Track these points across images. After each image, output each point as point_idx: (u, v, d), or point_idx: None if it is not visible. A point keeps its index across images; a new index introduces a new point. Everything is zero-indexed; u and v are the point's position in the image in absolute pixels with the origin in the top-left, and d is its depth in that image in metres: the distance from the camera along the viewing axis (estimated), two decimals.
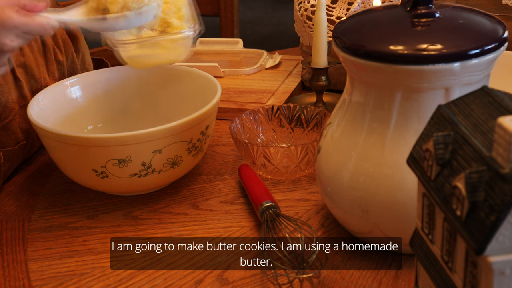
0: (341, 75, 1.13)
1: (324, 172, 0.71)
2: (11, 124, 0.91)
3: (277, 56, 1.25)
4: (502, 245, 0.41)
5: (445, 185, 0.45)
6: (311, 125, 0.94)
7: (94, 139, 0.77)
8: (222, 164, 0.93)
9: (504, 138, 0.40)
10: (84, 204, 0.85)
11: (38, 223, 0.82)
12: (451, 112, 0.49)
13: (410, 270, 0.69)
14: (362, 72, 0.65)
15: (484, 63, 0.61)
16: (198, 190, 0.87)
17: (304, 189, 0.86)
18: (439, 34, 0.63)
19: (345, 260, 0.71)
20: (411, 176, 0.61)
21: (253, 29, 3.89)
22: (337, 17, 1.10)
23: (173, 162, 0.81)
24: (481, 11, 0.68)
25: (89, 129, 0.96)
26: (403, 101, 0.64)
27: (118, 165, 0.78)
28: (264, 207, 0.76)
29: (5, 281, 0.71)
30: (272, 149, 0.84)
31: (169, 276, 0.70)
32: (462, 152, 0.45)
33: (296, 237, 0.73)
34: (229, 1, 1.63)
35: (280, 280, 0.68)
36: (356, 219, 0.69)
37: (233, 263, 0.72)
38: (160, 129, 0.77)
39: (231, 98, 1.10)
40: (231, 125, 0.90)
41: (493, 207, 0.40)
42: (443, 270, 0.48)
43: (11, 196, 0.88)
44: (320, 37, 1.01)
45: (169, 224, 0.80)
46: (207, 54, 1.31)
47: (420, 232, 0.53)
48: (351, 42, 0.65)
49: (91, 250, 0.76)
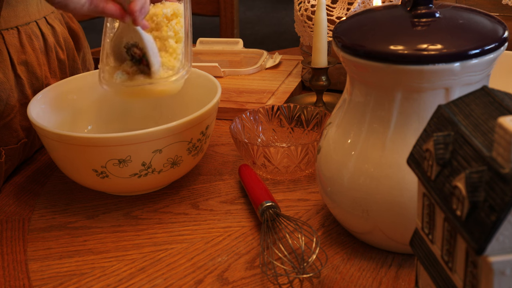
0: (341, 75, 1.13)
1: (324, 172, 0.71)
2: (12, 122, 0.91)
3: (277, 56, 1.25)
4: (502, 245, 0.41)
5: (445, 185, 0.45)
6: (311, 125, 0.94)
7: (94, 139, 0.77)
8: (222, 164, 0.93)
9: (504, 138, 0.40)
10: (84, 204, 0.85)
11: (38, 223, 0.82)
12: (451, 112, 0.49)
13: (410, 270, 0.69)
14: (362, 72, 0.65)
15: (484, 63, 0.61)
16: (198, 190, 0.87)
17: (304, 189, 0.86)
18: (439, 34, 0.63)
19: (345, 260, 0.71)
20: (411, 176, 0.61)
21: (253, 29, 3.89)
22: (337, 17, 1.10)
23: (173, 162, 0.81)
24: (481, 11, 0.68)
25: (89, 129, 0.96)
26: (403, 101, 0.64)
27: (118, 165, 0.78)
28: (264, 207, 0.76)
29: (5, 281, 0.71)
30: (272, 149, 0.84)
31: (169, 276, 0.71)
32: (462, 152, 0.45)
33: (296, 237, 0.73)
34: (229, 1, 1.63)
35: (280, 280, 0.68)
36: (356, 219, 0.69)
37: (233, 263, 0.72)
38: (160, 129, 0.77)
39: (231, 98, 1.10)
40: (231, 125, 0.90)
41: (493, 207, 0.40)
42: (443, 270, 0.48)
43: (11, 196, 0.88)
44: (320, 37, 1.01)
45: (169, 224, 0.80)
46: (207, 54, 1.31)
47: (420, 232, 0.53)
48: (351, 42, 0.65)
49: (91, 250, 0.76)
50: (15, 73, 0.91)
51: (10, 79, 0.90)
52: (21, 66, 0.92)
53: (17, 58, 0.91)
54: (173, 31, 0.82)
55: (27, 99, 0.92)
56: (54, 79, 0.98)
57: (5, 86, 0.89)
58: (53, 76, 0.98)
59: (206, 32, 1.72)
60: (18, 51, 0.91)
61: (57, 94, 0.92)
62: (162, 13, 0.82)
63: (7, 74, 0.90)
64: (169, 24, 0.82)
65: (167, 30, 0.82)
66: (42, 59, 0.95)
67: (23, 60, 0.92)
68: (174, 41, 0.82)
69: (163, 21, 0.82)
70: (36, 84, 0.94)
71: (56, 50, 0.98)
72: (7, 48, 0.90)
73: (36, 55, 0.94)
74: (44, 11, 0.97)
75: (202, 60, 1.27)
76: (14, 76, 0.91)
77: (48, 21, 0.98)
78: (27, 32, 0.93)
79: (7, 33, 0.90)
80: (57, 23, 1.00)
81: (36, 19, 0.95)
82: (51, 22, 0.98)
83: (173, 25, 0.82)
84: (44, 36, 0.96)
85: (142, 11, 0.76)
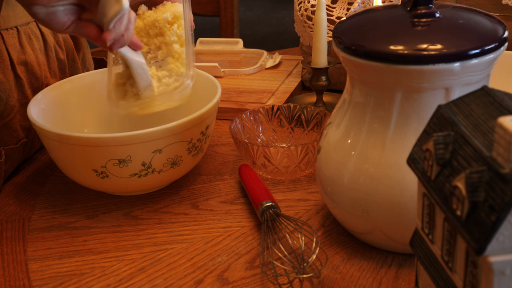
0: (341, 75, 1.13)
1: (324, 172, 0.71)
2: (12, 122, 0.91)
3: (277, 56, 1.25)
4: (502, 245, 0.41)
5: (445, 185, 0.45)
6: (311, 125, 0.94)
7: (94, 139, 0.77)
8: (222, 164, 0.93)
9: (504, 138, 0.40)
10: (84, 204, 0.85)
11: (38, 223, 0.82)
12: (451, 112, 0.49)
13: (410, 270, 0.69)
14: (362, 72, 0.65)
15: (484, 63, 0.61)
16: (198, 190, 0.87)
17: (304, 189, 0.86)
18: (439, 34, 0.63)
19: (345, 260, 0.71)
20: (411, 176, 0.61)
21: (253, 29, 3.89)
22: (337, 17, 1.10)
23: (173, 162, 0.81)
24: (481, 11, 0.68)
25: (89, 129, 0.96)
26: (403, 101, 0.64)
27: (118, 165, 0.78)
28: (264, 207, 0.76)
29: (5, 281, 0.71)
30: (272, 149, 0.84)
31: (169, 276, 0.70)
32: (462, 152, 0.45)
33: (296, 237, 0.73)
34: (229, 1, 1.63)
35: (280, 280, 0.68)
36: (356, 219, 0.69)
37: (233, 263, 0.72)
38: (160, 129, 0.77)
39: (231, 98, 1.10)
40: (231, 125, 0.90)
41: (493, 207, 0.40)
42: (443, 270, 0.48)
43: (11, 196, 0.88)
44: (320, 37, 1.01)
45: (169, 224, 0.80)
46: (207, 54, 1.31)
47: (420, 232, 0.53)
48: (351, 42, 0.65)
49: (91, 250, 0.76)
50: (15, 73, 0.91)
51: (9, 79, 0.90)
52: (20, 66, 0.92)
53: (17, 58, 0.91)
54: (176, 35, 0.81)
55: (27, 99, 0.92)
56: (54, 79, 0.98)
57: (5, 86, 0.89)
58: (52, 76, 0.98)
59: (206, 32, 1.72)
60: (18, 51, 0.91)
61: (57, 94, 0.92)
62: (162, 19, 0.81)
63: (7, 74, 0.90)
64: (171, 29, 0.81)
65: (170, 35, 0.81)
66: (41, 59, 0.95)
67: (23, 60, 0.92)
68: (179, 45, 0.81)
69: (165, 26, 0.81)
70: (36, 84, 0.94)
71: (55, 50, 0.98)
72: (6, 48, 0.90)
73: (35, 55, 0.94)
74: None
75: (202, 60, 1.27)
76: (14, 76, 0.91)
77: None
78: (26, 32, 0.93)
79: (7, 33, 0.90)
80: None
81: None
82: None
83: (175, 29, 0.81)
84: (43, 36, 0.96)
85: (120, 40, 0.74)
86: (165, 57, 0.81)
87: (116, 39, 0.73)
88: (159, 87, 0.81)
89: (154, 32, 0.82)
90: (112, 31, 0.72)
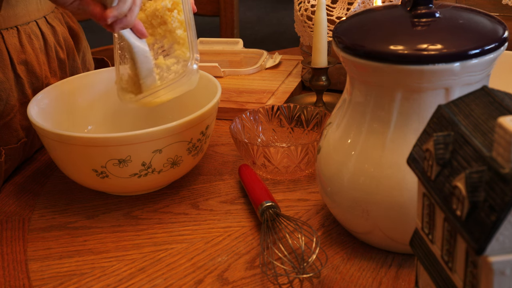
0: (341, 75, 1.13)
1: (324, 172, 0.71)
2: (12, 122, 0.91)
3: (277, 56, 1.25)
4: (502, 245, 0.41)
5: (445, 185, 0.45)
6: (311, 125, 0.94)
7: (94, 139, 0.77)
8: (222, 164, 0.93)
9: (504, 138, 0.40)
10: (84, 204, 0.85)
11: (38, 223, 0.82)
12: (451, 112, 0.49)
13: (410, 270, 0.69)
14: (362, 72, 0.65)
15: (484, 63, 0.61)
16: (198, 190, 0.87)
17: (304, 189, 0.86)
18: (439, 34, 0.63)
19: (345, 260, 0.71)
20: (411, 176, 0.61)
21: (253, 29, 3.89)
22: (337, 17, 1.10)
23: (173, 162, 0.81)
24: (481, 11, 0.68)
25: (89, 129, 0.96)
26: (403, 101, 0.64)
27: (118, 165, 0.78)
28: (264, 207, 0.76)
29: (5, 281, 0.71)
30: (272, 149, 0.84)
31: (169, 276, 0.70)
32: (462, 152, 0.45)
33: (296, 237, 0.73)
34: (229, 1, 1.63)
35: (280, 280, 0.68)
36: (356, 219, 0.69)
37: (233, 263, 0.72)
38: (160, 129, 0.77)
39: (231, 98, 1.10)
40: (231, 125, 0.90)
41: (493, 207, 0.40)
42: (443, 270, 0.48)
43: (11, 196, 0.88)
44: (320, 37, 1.01)
45: (169, 224, 0.80)
46: (207, 54, 1.31)
47: (420, 232, 0.53)
48: (351, 42, 0.65)
49: (91, 250, 0.76)
50: (15, 73, 0.91)
51: (10, 79, 0.90)
52: (21, 65, 0.92)
53: (17, 57, 0.91)
54: (178, 21, 0.82)
55: (27, 98, 0.92)
56: (54, 78, 0.98)
57: (5, 85, 0.89)
58: (53, 75, 0.98)
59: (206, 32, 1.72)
60: (18, 50, 0.91)
61: (57, 94, 0.92)
62: (162, 7, 0.82)
63: (7, 74, 0.90)
64: (171, 16, 0.82)
65: (171, 22, 0.82)
66: (42, 58, 0.95)
67: (23, 59, 0.92)
68: (182, 31, 0.82)
69: (165, 14, 0.82)
70: (36, 83, 0.94)
71: (56, 49, 0.98)
72: (6, 48, 0.90)
73: (36, 55, 0.94)
74: (44, 11, 0.97)
75: (202, 60, 1.27)
76: (14, 76, 0.91)
77: (48, 20, 0.98)
78: (26, 32, 0.93)
79: (7, 33, 0.90)
80: (57, 22, 1.00)
81: (36, 19, 0.95)
82: (51, 21, 0.98)
83: (176, 15, 0.82)
84: (44, 35, 0.96)
85: (123, 21, 0.73)
86: (172, 45, 0.82)
87: (119, 18, 0.73)
88: (169, 75, 0.81)
89: (157, 22, 0.83)
90: (115, 8, 0.72)
